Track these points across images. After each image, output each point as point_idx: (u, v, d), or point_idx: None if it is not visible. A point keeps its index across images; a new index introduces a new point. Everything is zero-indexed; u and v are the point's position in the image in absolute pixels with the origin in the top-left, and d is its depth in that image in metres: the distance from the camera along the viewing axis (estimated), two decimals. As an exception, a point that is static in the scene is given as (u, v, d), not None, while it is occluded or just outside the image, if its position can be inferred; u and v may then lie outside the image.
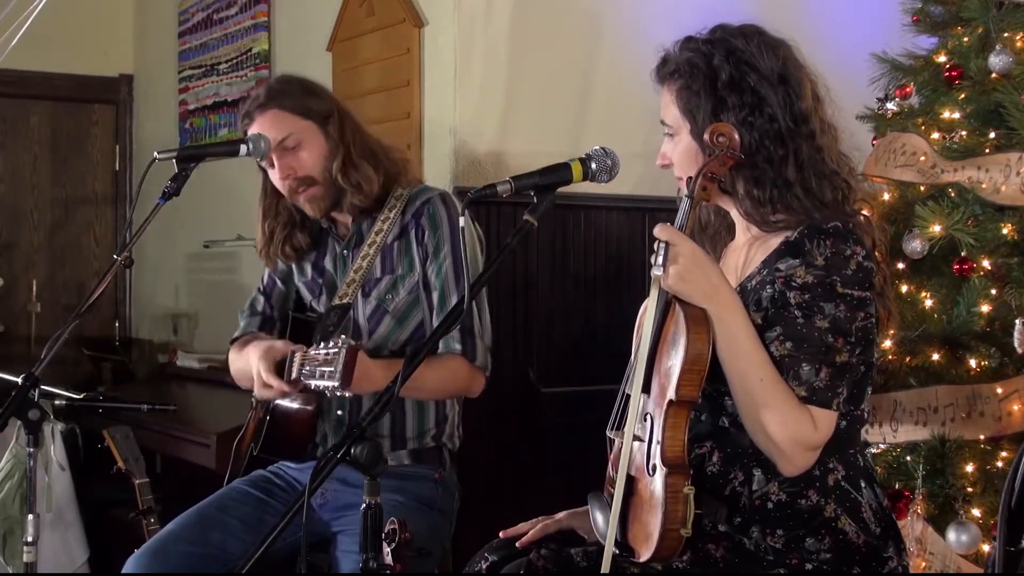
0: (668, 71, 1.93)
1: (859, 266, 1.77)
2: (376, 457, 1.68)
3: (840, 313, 1.75)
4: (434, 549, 2.46)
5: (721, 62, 1.87)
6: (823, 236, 1.78)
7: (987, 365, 2.53)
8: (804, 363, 1.75)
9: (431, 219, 2.52)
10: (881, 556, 1.81)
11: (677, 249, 1.73)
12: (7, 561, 3.42)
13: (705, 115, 1.86)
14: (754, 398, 1.74)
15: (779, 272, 1.80)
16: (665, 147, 1.96)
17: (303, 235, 2.65)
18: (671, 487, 1.70)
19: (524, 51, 3.66)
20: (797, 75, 1.90)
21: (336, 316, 2.50)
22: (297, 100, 2.53)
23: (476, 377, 2.50)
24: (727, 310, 1.75)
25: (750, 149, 1.85)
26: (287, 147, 2.50)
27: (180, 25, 5.29)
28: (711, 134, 1.80)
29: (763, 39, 1.91)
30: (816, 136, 1.89)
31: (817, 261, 1.77)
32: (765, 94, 1.86)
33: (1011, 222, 2.53)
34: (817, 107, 1.91)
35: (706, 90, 1.87)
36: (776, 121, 1.86)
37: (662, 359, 1.78)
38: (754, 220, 1.89)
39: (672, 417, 1.74)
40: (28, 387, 2.22)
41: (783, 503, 1.80)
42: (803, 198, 1.85)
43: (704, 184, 1.79)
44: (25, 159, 5.61)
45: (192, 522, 2.46)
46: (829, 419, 1.76)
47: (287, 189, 2.54)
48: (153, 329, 5.57)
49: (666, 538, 1.69)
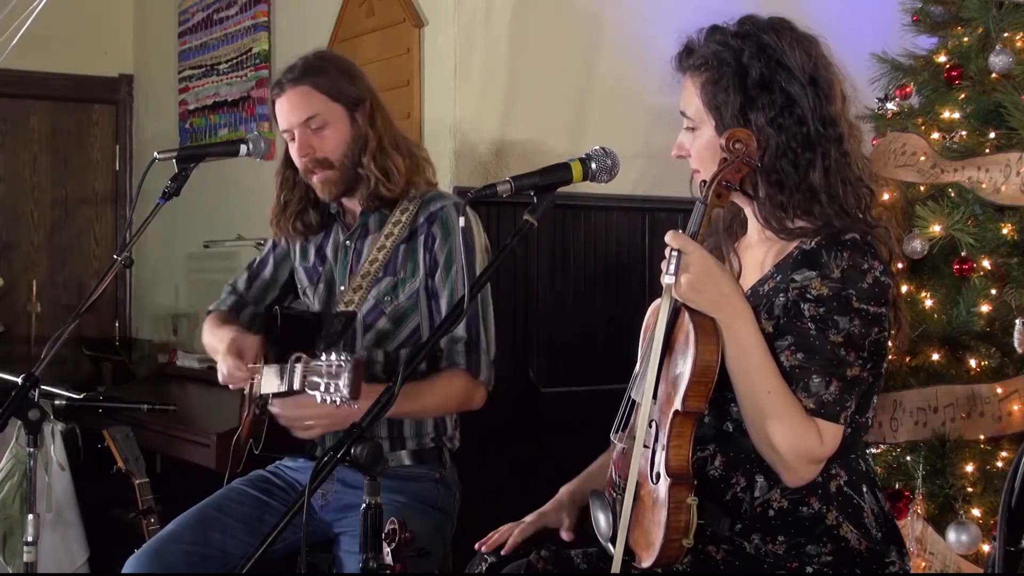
0: (693, 63, 1.87)
1: (875, 281, 1.74)
2: (376, 457, 1.68)
3: (854, 328, 1.73)
4: (435, 549, 2.45)
5: (751, 59, 1.81)
6: (840, 248, 1.74)
7: (987, 365, 2.53)
8: (815, 375, 1.72)
9: (443, 227, 2.49)
10: (883, 560, 1.79)
11: (689, 258, 1.71)
12: (7, 561, 3.41)
13: (732, 112, 1.81)
14: (761, 409, 1.72)
15: (794, 283, 1.76)
16: (683, 138, 1.91)
17: (315, 213, 2.64)
18: (674, 498, 1.68)
19: (524, 51, 3.66)
20: (827, 75, 1.84)
21: (341, 324, 2.47)
22: (332, 81, 2.50)
23: (478, 391, 2.48)
24: (737, 320, 1.72)
25: (777, 151, 1.80)
26: (311, 127, 2.49)
27: (180, 25, 5.29)
28: (728, 140, 1.75)
29: (794, 35, 1.85)
30: (844, 140, 1.84)
31: (834, 274, 1.73)
32: (796, 95, 1.81)
33: (1011, 222, 2.53)
34: (844, 108, 1.87)
35: (735, 87, 1.81)
36: (805, 124, 1.81)
37: (670, 368, 1.76)
38: (771, 226, 1.84)
39: (678, 427, 1.72)
40: (28, 387, 2.22)
41: (785, 510, 1.79)
42: (827, 205, 1.80)
43: (719, 191, 1.74)
44: (25, 159, 5.61)
45: (191, 522, 2.46)
46: (835, 432, 1.73)
47: (302, 167, 2.52)
48: (153, 329, 5.57)
49: (668, 547, 1.68)
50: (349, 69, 2.57)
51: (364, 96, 2.54)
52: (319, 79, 2.50)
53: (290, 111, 2.51)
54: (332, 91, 2.50)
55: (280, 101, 2.52)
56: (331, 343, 2.40)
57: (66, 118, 5.69)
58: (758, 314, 1.78)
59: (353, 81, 2.54)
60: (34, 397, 2.24)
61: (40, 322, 5.41)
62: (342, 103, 2.51)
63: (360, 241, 2.57)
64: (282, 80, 2.52)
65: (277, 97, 2.53)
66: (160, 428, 3.70)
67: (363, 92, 2.54)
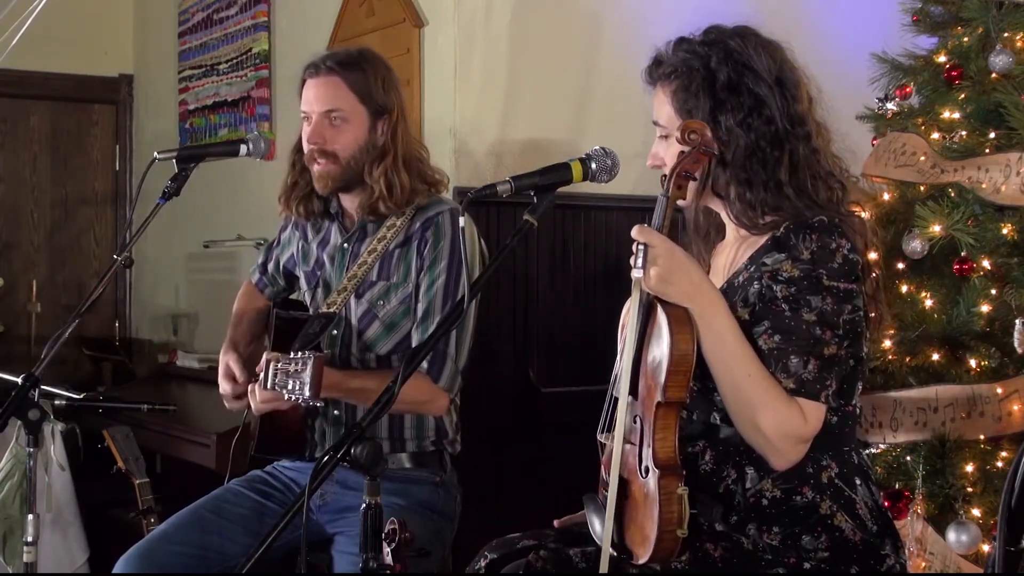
0: (663, 72, 1.93)
1: (844, 259, 1.78)
2: (376, 457, 1.68)
3: (827, 306, 1.76)
4: (435, 552, 2.45)
5: (719, 64, 1.87)
6: (808, 230, 1.79)
7: (987, 365, 2.53)
8: (792, 355, 1.75)
9: (436, 232, 2.49)
10: (879, 554, 1.81)
11: (656, 250, 1.74)
12: (7, 561, 3.41)
13: (703, 116, 1.86)
14: (742, 394, 1.75)
15: (765, 267, 1.81)
16: (657, 147, 1.96)
17: (319, 202, 2.63)
18: (664, 489, 1.70)
19: (524, 51, 3.66)
20: (793, 76, 1.90)
21: (319, 325, 2.48)
22: (366, 82, 2.49)
23: (437, 397, 2.45)
24: (710, 308, 1.75)
25: (746, 151, 1.85)
26: (331, 118, 2.48)
27: (180, 25, 5.29)
28: (683, 131, 1.80)
29: (759, 40, 1.91)
30: (812, 137, 1.90)
31: (803, 255, 1.77)
32: (763, 96, 1.87)
33: (1011, 222, 2.53)
34: (811, 108, 1.92)
35: (704, 91, 1.87)
36: (774, 123, 1.86)
37: (647, 361, 1.78)
38: (743, 224, 1.90)
39: (662, 419, 1.74)
40: (28, 387, 2.23)
41: (778, 499, 1.80)
42: (794, 198, 1.86)
43: (679, 183, 1.79)
44: (25, 159, 5.61)
45: (184, 523, 2.46)
46: (818, 411, 1.76)
47: (308, 152, 2.52)
48: (153, 329, 5.57)
49: (663, 540, 1.69)
50: (387, 77, 2.55)
51: (392, 108, 2.53)
52: (354, 76, 2.49)
53: (315, 98, 2.50)
54: (363, 92, 2.49)
55: (310, 83, 2.51)
56: (306, 343, 2.40)
57: (66, 118, 5.69)
58: (734, 304, 1.81)
59: (387, 89, 2.53)
60: (34, 397, 2.24)
61: (40, 322, 5.41)
62: (368, 107, 2.50)
63: (357, 244, 2.57)
64: (318, 63, 2.51)
65: (309, 77, 2.51)
66: (160, 428, 3.70)
67: (392, 103, 2.53)
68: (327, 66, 2.49)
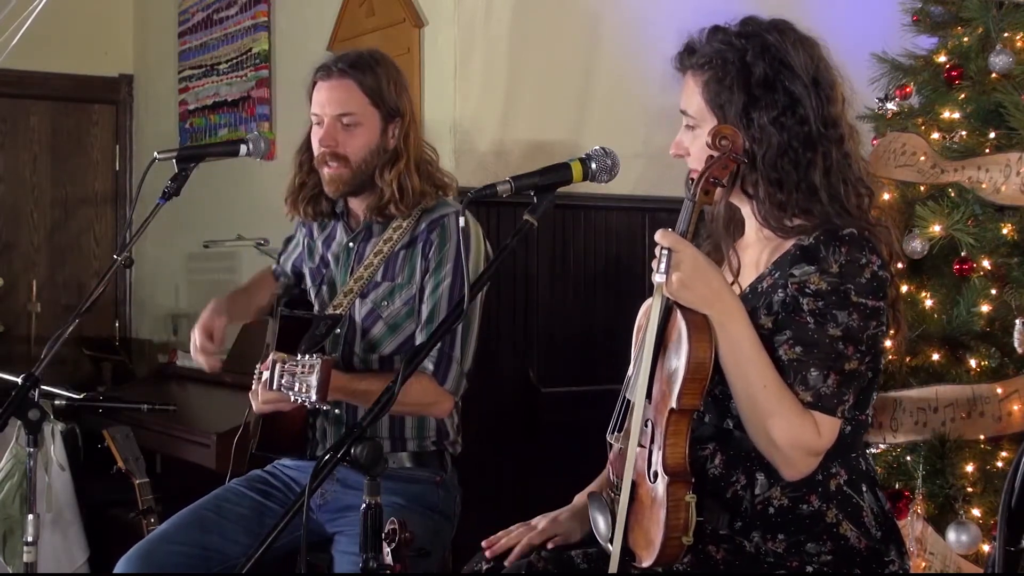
0: (696, 61, 1.87)
1: (874, 275, 1.75)
2: (376, 457, 1.68)
3: (853, 322, 1.73)
4: (435, 552, 2.45)
5: (755, 58, 1.81)
6: (838, 243, 1.75)
7: (987, 365, 2.53)
8: (813, 368, 1.73)
9: (442, 234, 2.48)
10: (882, 559, 1.80)
11: (679, 256, 1.71)
12: (7, 561, 3.41)
13: (736, 111, 1.81)
14: (757, 404, 1.73)
15: (793, 278, 1.77)
16: (682, 136, 1.91)
17: (327, 203, 2.63)
18: (672, 496, 1.69)
19: (524, 51, 3.66)
20: (829, 76, 1.85)
21: (325, 327, 2.48)
22: (378, 85, 2.48)
23: (442, 399, 2.45)
24: (729, 316, 1.73)
25: (778, 150, 1.81)
26: (343, 122, 2.47)
27: (180, 25, 5.29)
28: (714, 136, 1.75)
29: (797, 36, 1.85)
30: (844, 141, 1.85)
31: (832, 268, 1.74)
32: (799, 95, 1.81)
33: (1011, 222, 2.53)
34: (845, 110, 1.87)
35: (739, 85, 1.81)
36: (807, 124, 1.81)
37: (664, 366, 1.76)
38: (769, 224, 1.85)
39: (674, 425, 1.72)
40: (28, 387, 2.23)
41: (785, 508, 1.79)
42: (827, 203, 1.81)
43: (707, 188, 1.75)
44: (25, 159, 5.61)
45: (185, 523, 2.46)
46: (833, 426, 1.74)
47: (319, 155, 2.51)
48: (153, 329, 5.57)
49: (668, 546, 1.68)
50: (398, 79, 2.54)
51: (404, 110, 2.52)
52: (366, 79, 2.48)
53: (327, 101, 2.49)
54: (375, 95, 2.48)
55: (321, 86, 2.50)
56: (313, 345, 2.40)
57: (66, 118, 5.69)
58: (757, 311, 1.78)
59: (399, 92, 2.52)
60: (34, 397, 2.24)
61: (40, 322, 5.41)
62: (380, 110, 2.49)
63: (363, 244, 2.57)
64: (330, 66, 2.50)
65: (321, 80, 2.50)
66: (160, 428, 3.70)
67: (404, 106, 2.53)
68: (339, 68, 2.48)
